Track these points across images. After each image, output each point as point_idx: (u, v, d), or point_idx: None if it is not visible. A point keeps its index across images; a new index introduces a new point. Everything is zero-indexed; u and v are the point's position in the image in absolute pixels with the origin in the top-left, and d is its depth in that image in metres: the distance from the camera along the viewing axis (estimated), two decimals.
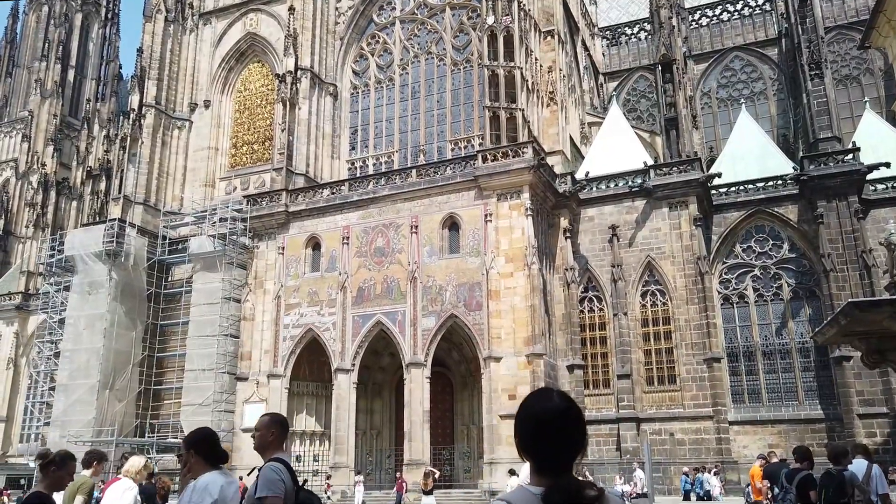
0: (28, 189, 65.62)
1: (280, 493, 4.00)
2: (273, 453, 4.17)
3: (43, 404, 40.23)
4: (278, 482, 4.01)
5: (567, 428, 2.04)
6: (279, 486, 4.00)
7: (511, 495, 1.96)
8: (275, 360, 34.28)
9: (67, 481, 6.75)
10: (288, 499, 3.97)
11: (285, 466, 4.04)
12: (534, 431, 2.06)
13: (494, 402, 29.67)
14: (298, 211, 35.65)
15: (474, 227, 32.01)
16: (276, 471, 4.04)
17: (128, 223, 40.42)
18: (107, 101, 66.45)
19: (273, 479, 4.03)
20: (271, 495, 4.01)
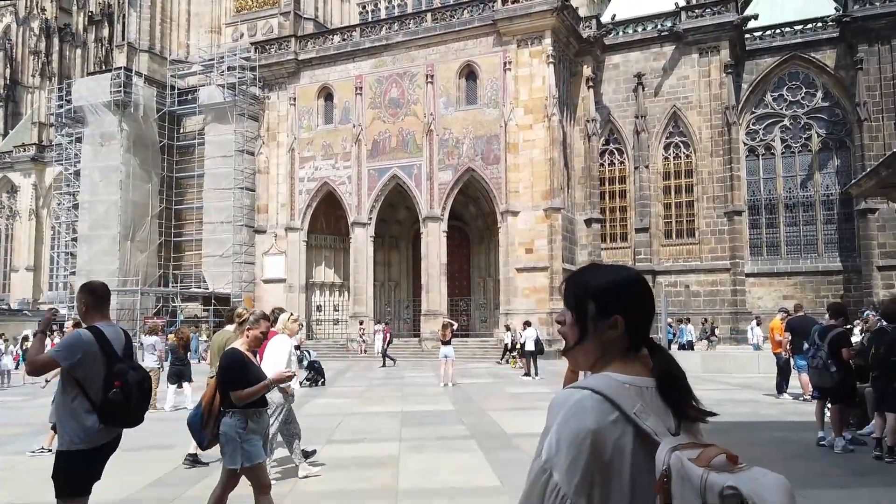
0: (31, 36, 63.44)
1: (64, 357, 3.86)
2: (92, 322, 3.99)
3: (67, 254, 41.04)
4: (68, 347, 3.89)
5: (650, 299, 1.54)
6: (66, 352, 3.86)
7: (602, 385, 1.44)
8: (291, 213, 34.26)
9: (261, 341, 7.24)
10: (88, 365, 3.82)
11: (96, 334, 3.85)
12: (632, 299, 1.47)
13: (511, 256, 29.73)
14: (309, 59, 34.09)
15: (492, 76, 30.53)
16: (75, 336, 3.93)
17: (134, 72, 39.11)
18: None
19: (66, 343, 3.97)
20: (54, 356, 3.94)
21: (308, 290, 34.54)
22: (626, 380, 1.50)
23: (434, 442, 9.06)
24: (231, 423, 4.59)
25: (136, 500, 6.31)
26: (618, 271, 1.63)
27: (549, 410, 1.48)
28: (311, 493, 6.52)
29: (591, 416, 1.42)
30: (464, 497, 6.14)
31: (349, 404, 13.75)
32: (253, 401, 4.65)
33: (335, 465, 7.71)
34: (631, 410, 1.44)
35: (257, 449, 4.57)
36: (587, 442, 1.40)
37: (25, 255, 56.25)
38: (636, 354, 1.56)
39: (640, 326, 1.57)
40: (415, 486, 6.50)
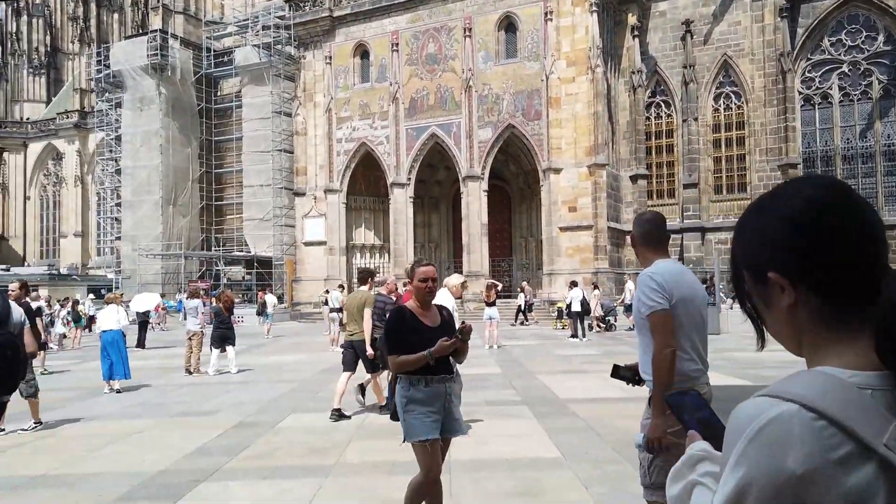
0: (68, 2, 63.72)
1: None
2: None
3: (113, 219, 41.62)
4: None
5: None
6: None
7: (818, 393, 0.76)
8: (330, 174, 33.92)
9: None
10: None
11: None
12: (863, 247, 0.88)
13: (554, 215, 28.99)
14: (343, 16, 33.32)
15: (533, 27, 29.41)
16: None
17: (170, 34, 38.88)
18: None
19: None
20: None
21: (348, 252, 34.38)
22: (858, 379, 0.87)
23: (484, 408, 8.65)
24: (398, 388, 4.02)
25: (176, 471, 6.04)
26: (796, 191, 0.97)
27: (727, 429, 0.90)
28: (354, 464, 6.16)
29: (799, 450, 0.83)
30: (524, 469, 5.70)
31: None
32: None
33: (382, 434, 7.36)
34: (877, 439, 0.83)
35: (419, 423, 3.84)
36: (790, 494, 0.83)
37: (73, 221, 57.45)
38: (860, 324, 0.91)
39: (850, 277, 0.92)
40: (469, 457, 6.09)
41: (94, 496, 5.39)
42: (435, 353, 3.76)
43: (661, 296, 3.07)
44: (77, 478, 5.98)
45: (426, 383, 3.87)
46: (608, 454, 5.92)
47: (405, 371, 3.86)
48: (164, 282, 37.60)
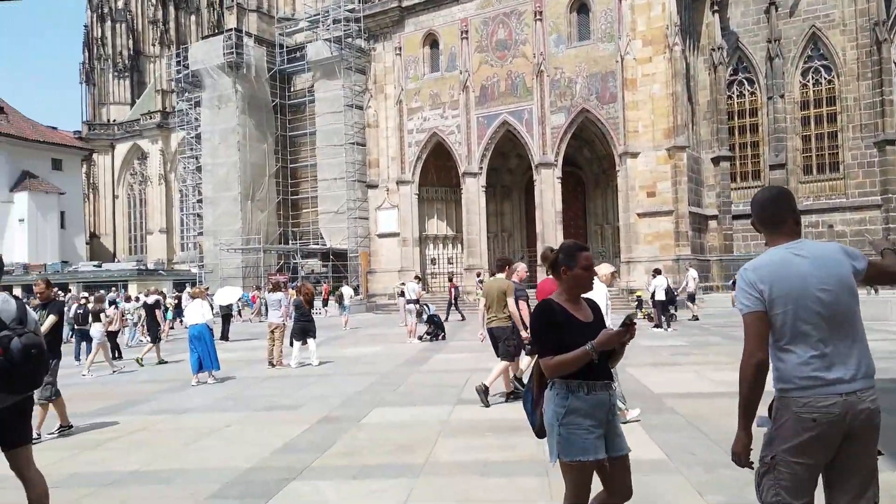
0: (148, 6, 66.10)
1: None
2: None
3: (195, 216, 43.01)
4: None
5: None
6: None
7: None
8: (402, 166, 33.97)
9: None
10: None
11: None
12: None
13: (631, 201, 28.12)
14: (412, 5, 33.18)
15: (606, 7, 28.50)
16: None
17: (244, 32, 39.73)
18: None
19: None
20: None
21: (421, 243, 34.39)
22: None
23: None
24: (549, 396, 3.25)
25: (264, 468, 5.97)
26: None
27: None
28: (446, 463, 5.94)
29: None
30: None
31: (472, 359, 13.24)
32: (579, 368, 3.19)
33: (470, 432, 7.12)
34: None
35: (580, 439, 3.12)
36: None
37: (158, 218, 59.85)
38: None
39: None
40: None
41: (187, 494, 5.36)
42: (599, 346, 3.08)
43: (752, 295, 2.71)
44: (170, 474, 5.99)
45: (588, 390, 3.16)
46: (719, 457, 5.48)
47: (562, 375, 3.16)
48: (244, 275, 38.62)
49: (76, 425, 8.15)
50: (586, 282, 3.34)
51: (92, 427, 8.24)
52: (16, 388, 3.82)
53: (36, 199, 49.07)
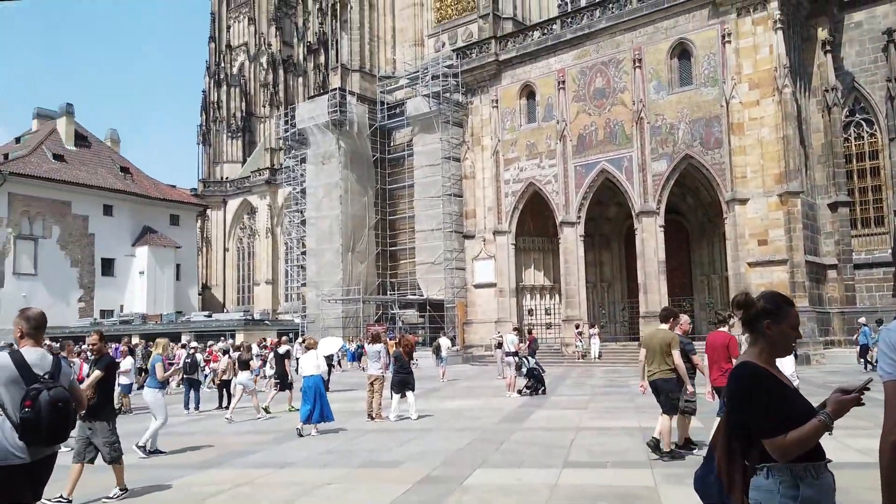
0: (260, 70, 70.38)
1: None
2: (22, 346, 4.22)
3: (299, 267, 44.44)
4: None
5: None
6: None
7: None
8: (498, 216, 33.94)
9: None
10: (7, 387, 4.00)
11: (15, 358, 4.07)
12: None
13: (741, 249, 26.75)
14: (509, 59, 33.61)
15: (709, 51, 27.79)
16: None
17: (347, 91, 41.37)
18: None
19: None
20: None
21: (518, 293, 33.99)
22: None
23: (693, 470, 7.65)
24: (768, 486, 2.61)
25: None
26: None
27: None
28: None
29: None
30: None
31: (577, 416, 12.67)
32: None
33: (581, 497, 6.67)
34: None
35: None
36: None
37: (264, 269, 62.38)
38: None
39: None
40: None
41: None
42: (835, 415, 2.56)
43: (895, 361, 2.37)
44: None
45: (816, 473, 2.59)
46: None
47: (792, 456, 2.56)
48: (344, 325, 39.32)
49: (183, 475, 8.26)
50: (791, 343, 2.85)
51: (197, 481, 8.32)
52: (41, 441, 3.97)
53: (155, 253, 52.27)
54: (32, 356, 4.15)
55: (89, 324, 45.53)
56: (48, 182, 47.20)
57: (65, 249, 48.40)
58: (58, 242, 48.02)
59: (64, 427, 4.08)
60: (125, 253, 51.87)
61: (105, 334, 9.05)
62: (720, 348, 7.98)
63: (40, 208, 47.11)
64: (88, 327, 43.28)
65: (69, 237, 48.66)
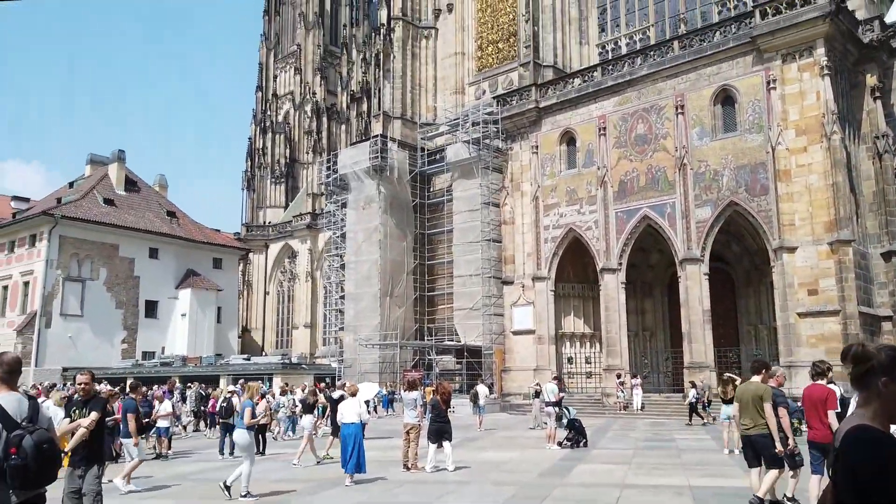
0: (304, 118, 72.09)
1: None
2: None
3: (337, 311, 44.57)
4: None
5: None
6: None
7: None
8: (538, 262, 33.60)
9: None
10: None
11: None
12: None
13: (790, 299, 25.87)
14: (549, 105, 33.71)
15: (753, 98, 27.43)
16: None
17: (389, 138, 41.96)
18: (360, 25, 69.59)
19: None
20: None
21: (557, 341, 33.37)
22: None
23: None
24: None
25: None
26: None
27: None
28: None
29: None
30: None
31: (621, 472, 12.12)
32: None
33: None
34: None
35: None
36: None
37: (304, 313, 62.71)
38: None
39: None
40: None
41: None
42: None
43: None
44: None
45: None
46: None
47: None
48: (381, 370, 39.07)
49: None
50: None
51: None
52: (31, 484, 4.05)
53: (197, 296, 53.03)
54: (9, 402, 4.16)
55: (131, 365, 46.14)
56: (98, 225, 48.54)
57: (111, 291, 49.42)
58: (104, 284, 49.09)
59: (51, 468, 4.17)
60: (168, 295, 52.71)
61: (146, 376, 9.01)
62: (818, 402, 7.58)
63: (89, 251, 48.36)
64: (130, 368, 43.85)
65: (115, 279, 49.73)
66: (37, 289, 45.96)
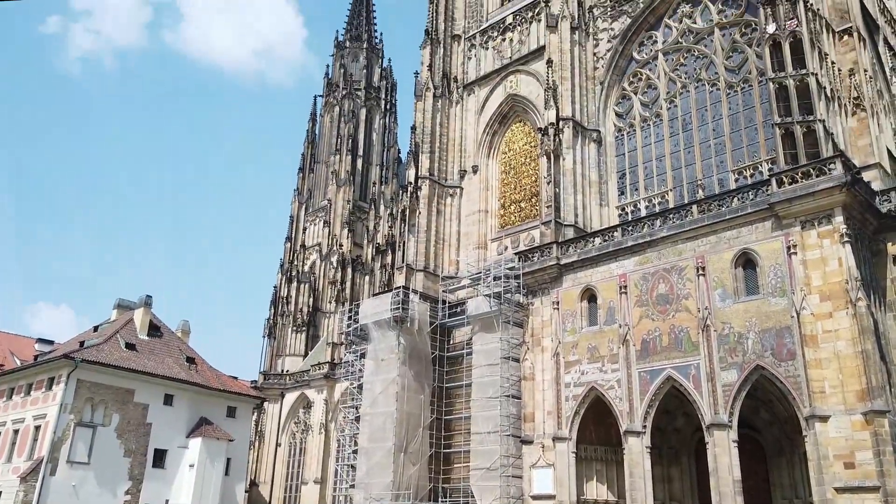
0: (329, 269, 73.72)
1: None
2: None
3: (349, 466, 42.88)
4: None
5: None
6: None
7: None
8: (558, 421, 32.49)
9: None
10: None
11: None
12: None
13: (826, 472, 24.37)
14: (570, 263, 34.16)
15: (774, 262, 27.54)
16: None
17: (411, 290, 42.38)
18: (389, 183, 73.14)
19: None
20: None
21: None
22: None
23: None
24: None
25: None
26: None
27: None
28: None
29: None
30: None
31: None
32: None
33: None
34: None
35: None
36: None
37: (314, 467, 60.47)
38: None
39: None
40: None
41: None
42: None
43: None
44: None
45: None
46: None
47: None
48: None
49: None
50: None
51: None
52: None
53: (208, 446, 51.49)
54: None
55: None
56: (116, 370, 48.36)
57: (121, 438, 48.23)
58: (115, 430, 48.02)
59: None
60: (178, 444, 51.27)
61: None
62: None
63: (104, 395, 47.81)
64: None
65: (127, 425, 48.70)
66: (47, 434, 45.02)
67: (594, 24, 41.81)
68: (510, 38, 46.46)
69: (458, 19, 50.14)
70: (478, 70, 47.98)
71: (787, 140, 28.68)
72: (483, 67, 47.65)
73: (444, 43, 49.27)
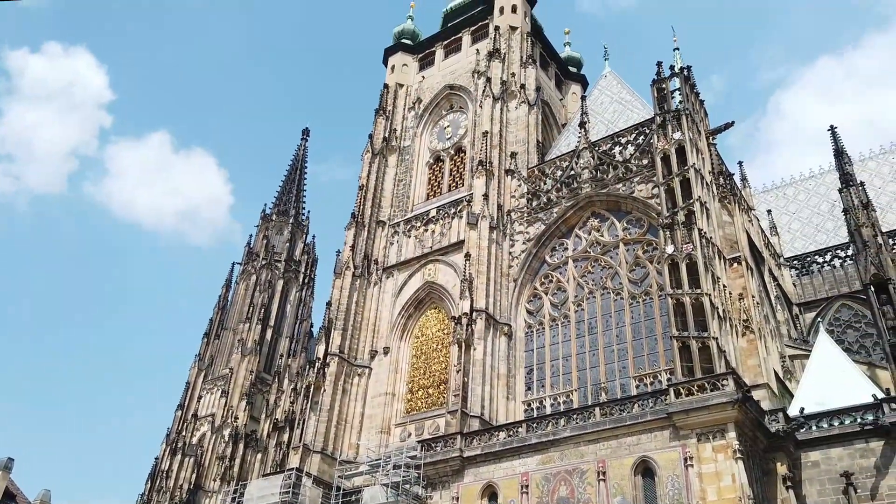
0: (220, 442, 69.04)
1: None
2: None
3: None
4: None
5: None
6: None
7: None
8: None
9: None
10: None
11: None
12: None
13: None
14: (473, 456, 33.30)
15: (672, 472, 27.74)
16: None
17: (304, 473, 39.89)
18: (297, 356, 71.29)
19: None
20: None
21: None
22: None
23: None
24: None
25: None
26: None
27: None
28: None
29: None
30: None
31: None
32: None
33: None
34: None
35: None
36: None
37: None
38: None
39: None
40: None
41: None
42: None
43: None
44: None
45: None
46: None
47: None
48: None
49: None
50: None
51: None
52: None
53: None
54: None
55: None
56: None
57: None
58: None
59: None
60: None
61: None
62: None
63: None
64: None
65: None
66: None
67: (511, 227, 44.46)
68: (432, 230, 48.60)
69: (385, 207, 52.45)
70: (399, 255, 49.42)
71: (684, 353, 30.15)
72: (404, 253, 49.16)
73: (369, 227, 51.01)
